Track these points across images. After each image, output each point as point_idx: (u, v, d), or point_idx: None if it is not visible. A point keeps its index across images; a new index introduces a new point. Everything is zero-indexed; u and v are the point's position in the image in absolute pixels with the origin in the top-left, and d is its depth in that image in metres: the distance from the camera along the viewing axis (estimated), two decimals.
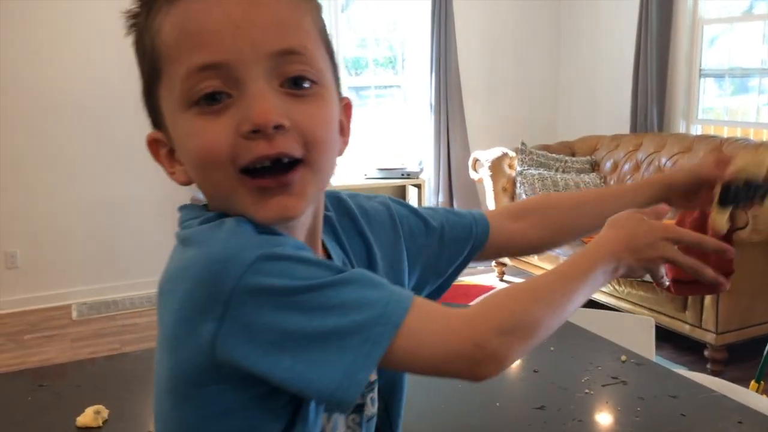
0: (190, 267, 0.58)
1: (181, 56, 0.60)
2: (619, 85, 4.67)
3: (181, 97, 0.60)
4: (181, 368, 0.60)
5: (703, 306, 3.04)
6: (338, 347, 0.55)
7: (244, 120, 0.59)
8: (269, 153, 0.59)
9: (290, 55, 0.60)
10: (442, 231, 0.84)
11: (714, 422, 1.08)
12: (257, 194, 0.61)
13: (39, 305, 4.15)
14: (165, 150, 0.67)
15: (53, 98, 4.08)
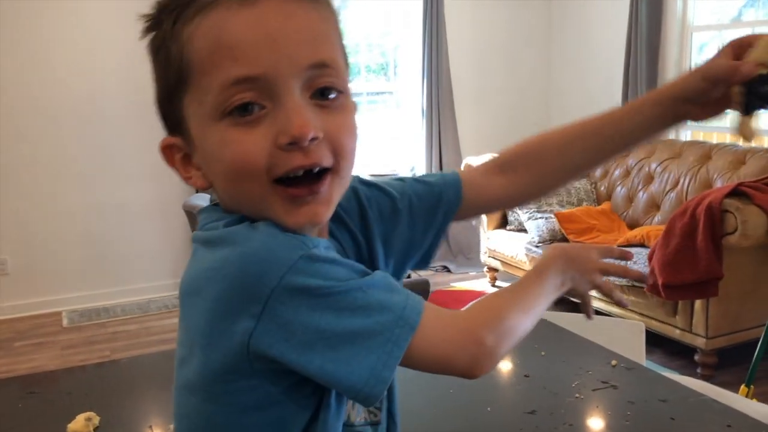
0: (224, 267, 0.60)
1: (215, 68, 0.60)
2: (610, 92, 4.70)
3: (214, 107, 0.61)
4: (213, 366, 0.62)
5: (693, 311, 3.06)
6: (364, 347, 0.59)
7: (282, 132, 0.60)
8: (304, 164, 0.62)
9: (323, 68, 0.62)
10: (410, 204, 0.83)
11: (703, 426, 1.09)
12: (289, 202, 0.63)
13: (29, 312, 4.13)
14: (180, 155, 0.68)
15: (45, 104, 4.07)
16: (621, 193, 4.17)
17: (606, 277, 0.85)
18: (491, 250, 4.38)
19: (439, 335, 0.64)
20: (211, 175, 0.66)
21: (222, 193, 0.67)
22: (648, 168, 4.03)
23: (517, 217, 4.23)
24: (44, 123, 4.08)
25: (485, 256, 4.49)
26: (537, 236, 3.98)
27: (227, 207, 0.68)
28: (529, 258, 3.97)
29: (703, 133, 4.36)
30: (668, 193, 3.85)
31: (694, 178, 3.72)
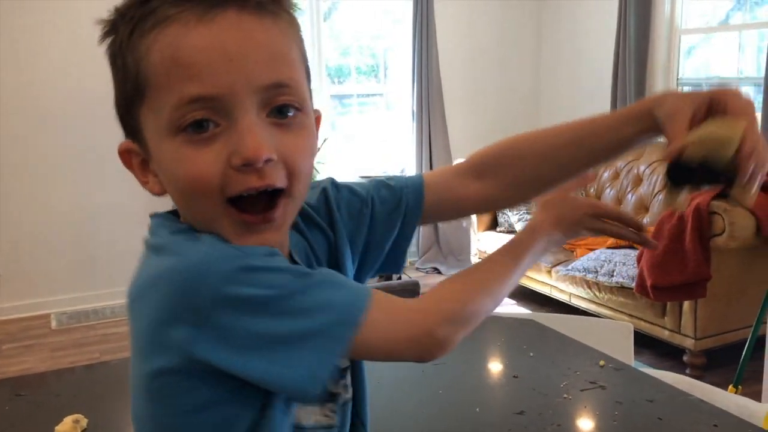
0: (166, 275, 0.60)
1: (171, 85, 0.60)
2: (599, 94, 4.73)
3: (169, 123, 0.61)
4: (156, 370, 0.62)
5: (681, 312, 3.08)
6: (305, 348, 0.60)
7: (236, 153, 0.60)
8: (258, 185, 0.61)
9: (280, 88, 0.62)
10: (372, 207, 0.83)
11: (690, 425, 1.10)
12: (241, 227, 0.63)
13: (18, 314, 4.10)
14: (138, 160, 0.68)
15: (31, 106, 4.04)
16: (610, 195, 4.19)
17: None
18: (481, 251, 4.40)
19: (387, 328, 0.64)
20: (166, 186, 0.66)
21: (177, 204, 0.68)
22: (637, 170, 4.05)
23: (507, 219, 4.24)
24: (32, 124, 4.06)
25: (475, 257, 4.50)
26: None
27: (183, 217, 0.68)
28: None
29: None
30: (657, 195, 3.87)
31: None
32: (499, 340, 1.52)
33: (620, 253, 3.41)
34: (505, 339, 1.53)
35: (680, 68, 4.37)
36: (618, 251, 3.46)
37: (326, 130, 4.81)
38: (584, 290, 3.50)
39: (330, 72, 4.99)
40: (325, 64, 4.88)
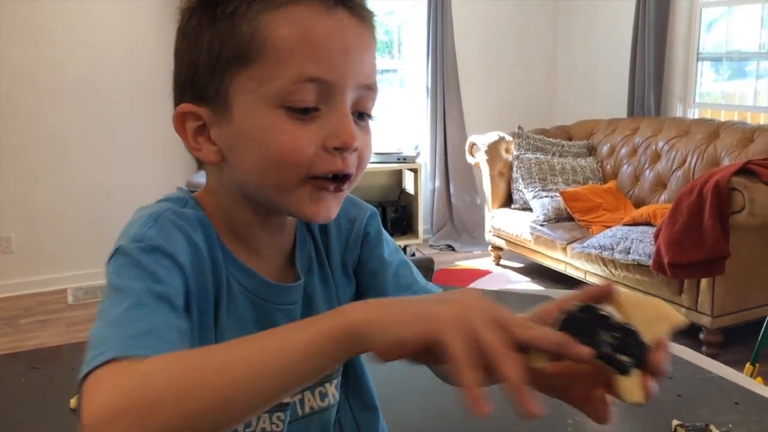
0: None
1: (293, 61, 0.64)
2: (617, 69, 4.65)
3: (276, 95, 0.64)
4: None
5: (699, 290, 3.05)
6: (91, 346, 0.55)
7: (333, 136, 0.65)
8: (342, 169, 0.67)
9: (369, 90, 0.69)
10: (383, 281, 0.84)
11: (710, 403, 1.08)
12: (317, 193, 0.68)
13: (34, 290, 4.14)
14: (195, 125, 0.69)
15: (50, 83, 4.04)
16: (627, 172, 4.14)
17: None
18: (496, 228, 4.37)
19: (89, 395, 0.50)
20: (240, 154, 0.67)
21: (243, 172, 0.68)
22: (655, 146, 4.00)
23: (522, 196, 4.21)
24: (50, 104, 4.06)
25: (490, 234, 4.48)
26: (542, 215, 3.96)
27: (232, 184, 0.70)
28: (534, 237, 3.95)
29: (711, 111, 4.32)
30: (675, 172, 3.82)
31: (701, 157, 3.68)
32: None
33: (637, 230, 3.37)
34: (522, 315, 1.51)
35: (701, 42, 4.29)
36: (635, 228, 3.43)
37: None
38: (600, 267, 3.47)
39: None
40: None
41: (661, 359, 0.52)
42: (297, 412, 0.76)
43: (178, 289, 0.63)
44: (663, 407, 1.07)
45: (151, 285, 0.60)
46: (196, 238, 0.68)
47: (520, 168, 4.20)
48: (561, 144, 4.40)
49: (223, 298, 0.70)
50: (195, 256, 0.67)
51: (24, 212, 4.11)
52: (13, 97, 3.99)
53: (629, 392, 0.51)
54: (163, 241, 0.65)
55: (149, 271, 0.62)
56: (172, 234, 0.66)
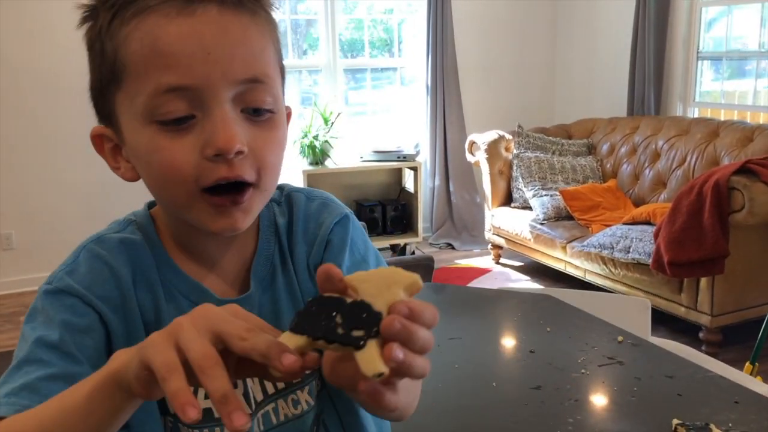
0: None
1: (149, 74, 0.61)
2: (617, 68, 4.66)
3: (144, 111, 0.62)
4: None
5: (698, 288, 3.05)
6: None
7: (209, 144, 0.62)
8: (228, 176, 0.63)
9: (255, 84, 0.64)
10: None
11: (710, 402, 1.08)
12: (213, 210, 0.65)
13: (35, 287, 4.12)
14: (110, 145, 0.71)
15: (48, 80, 4.04)
16: (627, 171, 4.14)
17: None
18: (495, 227, 4.37)
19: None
20: (140, 172, 0.69)
21: (150, 190, 0.70)
22: (655, 145, 4.00)
23: (522, 195, 4.21)
24: (48, 101, 4.06)
25: (489, 233, 4.48)
26: (542, 213, 3.96)
27: (162, 209, 0.74)
28: (534, 235, 3.95)
29: (711, 110, 4.32)
30: (675, 171, 3.83)
31: (701, 156, 3.69)
32: (515, 315, 1.51)
33: (637, 229, 3.38)
34: (522, 314, 1.52)
35: (701, 41, 4.29)
36: (634, 227, 3.43)
37: (339, 104, 4.78)
38: (599, 266, 3.48)
39: (343, 46, 4.94)
40: (338, 37, 4.83)
41: (389, 321, 0.46)
42: (272, 420, 0.75)
43: (83, 330, 0.66)
44: (663, 406, 1.08)
45: (44, 334, 0.64)
46: (117, 265, 0.70)
47: (519, 167, 4.20)
48: (561, 143, 4.40)
49: (165, 316, 0.71)
50: (117, 284, 0.69)
51: (24, 209, 4.11)
52: (13, 94, 3.99)
53: (366, 364, 0.46)
54: (74, 280, 0.68)
55: (48, 318, 0.66)
56: (91, 267, 0.69)
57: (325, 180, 4.64)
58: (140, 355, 0.49)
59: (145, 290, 0.70)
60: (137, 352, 0.50)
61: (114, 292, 0.69)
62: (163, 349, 0.48)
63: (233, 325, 0.49)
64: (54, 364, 0.63)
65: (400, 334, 0.46)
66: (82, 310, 0.67)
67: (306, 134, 4.47)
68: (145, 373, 0.49)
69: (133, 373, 0.50)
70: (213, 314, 0.50)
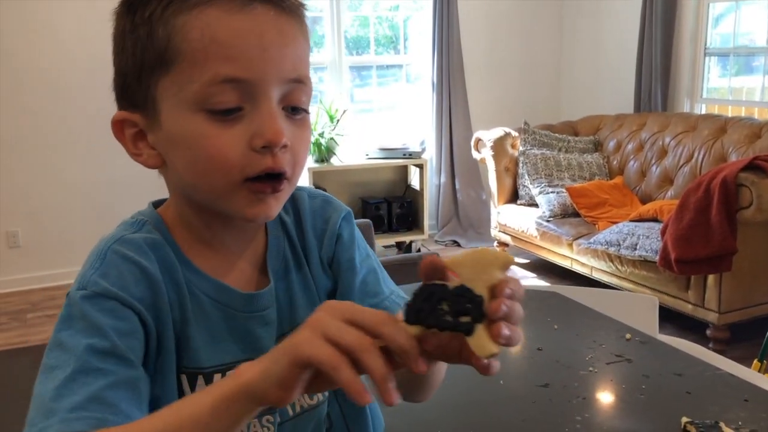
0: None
1: (207, 63, 0.63)
2: (623, 64, 4.63)
3: (196, 98, 0.64)
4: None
5: (705, 286, 3.04)
6: (35, 407, 0.61)
7: (258, 135, 0.64)
8: (274, 168, 0.66)
9: (299, 84, 0.68)
10: (350, 286, 0.83)
11: (720, 400, 1.08)
12: (253, 197, 0.67)
13: (41, 284, 4.16)
14: (133, 131, 0.70)
15: (53, 78, 4.05)
16: (634, 167, 4.13)
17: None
18: (501, 224, 4.36)
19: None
20: (173, 159, 0.68)
21: (179, 178, 0.70)
22: (662, 142, 3.98)
23: (528, 192, 4.20)
24: (54, 99, 4.07)
25: (495, 230, 4.47)
26: (548, 211, 3.95)
27: (177, 188, 0.73)
28: (540, 232, 3.94)
29: (718, 106, 4.30)
30: (682, 167, 3.81)
31: (708, 152, 3.67)
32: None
33: (644, 226, 3.36)
34: (529, 311, 1.50)
35: (708, 37, 4.26)
36: (641, 224, 3.42)
37: (345, 102, 4.78)
38: (606, 263, 3.46)
39: (348, 43, 4.94)
40: (343, 35, 4.83)
41: (496, 305, 0.51)
42: (288, 412, 0.76)
43: (128, 333, 0.65)
44: (672, 404, 1.07)
45: (94, 342, 0.62)
46: (148, 264, 0.69)
47: (526, 164, 4.19)
48: (567, 140, 4.39)
49: (190, 315, 0.71)
50: (149, 284, 0.68)
51: (31, 207, 4.12)
52: (18, 92, 4.00)
53: (479, 348, 0.51)
54: (108, 282, 0.66)
55: (93, 324, 0.63)
56: (121, 269, 0.68)
57: (330, 177, 4.64)
58: (291, 356, 0.52)
59: (171, 288, 0.70)
60: (283, 355, 0.52)
61: (147, 292, 0.68)
62: (320, 344, 0.51)
63: (366, 316, 0.52)
64: (113, 371, 0.62)
65: (506, 315, 0.51)
66: (123, 313, 0.66)
67: (311, 132, 4.47)
68: (296, 373, 0.52)
69: (277, 378, 0.52)
70: (344, 307, 0.53)
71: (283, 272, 0.77)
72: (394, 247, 4.70)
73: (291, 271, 0.78)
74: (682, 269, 2.99)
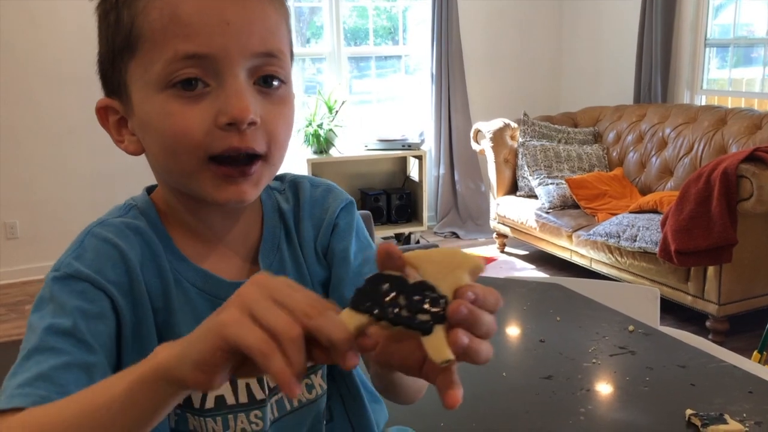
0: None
1: (167, 42, 0.62)
2: (623, 55, 4.62)
3: (159, 78, 0.63)
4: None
5: (705, 277, 3.04)
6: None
7: (223, 112, 0.62)
8: (240, 147, 0.63)
9: (269, 58, 0.65)
10: (343, 279, 0.80)
11: (724, 392, 1.07)
12: (220, 180, 0.65)
13: (39, 276, 4.14)
14: (115, 118, 0.70)
15: (52, 68, 4.03)
16: (633, 159, 4.12)
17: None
18: (501, 216, 4.35)
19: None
20: (147, 142, 0.68)
21: (155, 161, 0.69)
22: (662, 133, 3.97)
23: (528, 183, 4.19)
24: (53, 90, 4.05)
25: (495, 222, 4.46)
26: (547, 202, 3.94)
27: (156, 174, 0.72)
28: (539, 224, 3.94)
29: (718, 98, 4.29)
30: (682, 159, 3.80)
31: (708, 144, 3.66)
32: (524, 304, 1.50)
33: (643, 218, 3.35)
34: (531, 303, 1.50)
35: (708, 28, 4.25)
36: (641, 215, 3.41)
37: (343, 92, 4.76)
38: (605, 255, 3.46)
39: (347, 34, 4.91)
40: (342, 25, 4.80)
41: (455, 305, 0.45)
42: (286, 406, 0.75)
43: (95, 316, 0.64)
44: (676, 396, 1.07)
45: (55, 322, 0.62)
46: (127, 249, 0.68)
47: (525, 155, 4.17)
48: (567, 131, 4.37)
49: (175, 304, 0.70)
50: (126, 268, 0.67)
51: (28, 198, 4.11)
52: (17, 83, 3.97)
53: (435, 351, 0.46)
54: (82, 264, 0.66)
55: (60, 305, 0.63)
56: (98, 251, 0.67)
57: (329, 169, 4.63)
58: (215, 338, 0.46)
59: (153, 275, 0.69)
60: (206, 335, 0.47)
61: (123, 276, 0.67)
62: (249, 327, 0.45)
63: (296, 300, 0.47)
64: (68, 351, 0.61)
65: (466, 319, 0.46)
66: (94, 296, 0.65)
67: (310, 123, 4.45)
68: (219, 357, 0.46)
69: (196, 360, 0.47)
70: (273, 286, 0.48)
71: (278, 263, 0.76)
72: (393, 238, 4.69)
73: (285, 261, 0.76)
74: (682, 260, 2.99)
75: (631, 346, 1.25)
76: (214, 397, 0.71)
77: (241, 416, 0.72)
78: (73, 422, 0.52)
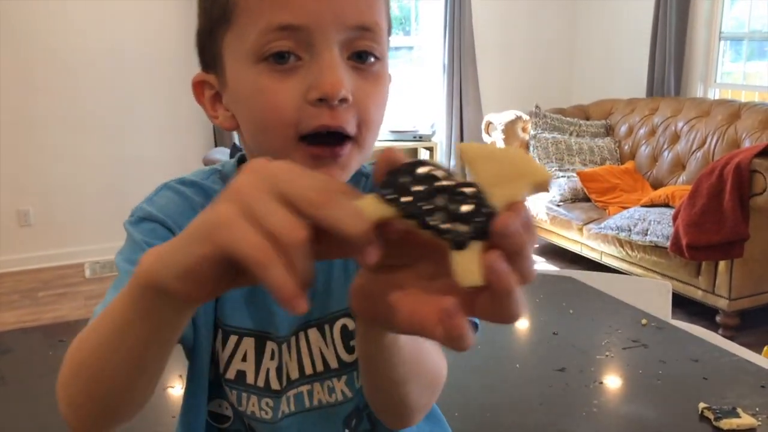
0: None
1: (261, 11, 0.60)
2: (637, 48, 4.59)
3: (252, 50, 0.61)
4: None
5: (716, 272, 3.03)
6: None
7: (314, 87, 0.59)
8: (330, 124, 0.60)
9: (364, 31, 0.61)
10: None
11: (737, 386, 1.08)
12: (309, 160, 0.62)
13: (52, 263, 4.18)
14: (211, 93, 0.69)
15: (67, 56, 4.04)
16: (645, 152, 4.10)
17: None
18: None
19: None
20: (240, 118, 0.66)
21: (248, 138, 0.67)
22: (674, 127, 3.95)
23: None
24: (67, 77, 4.06)
25: None
26: (558, 195, 3.94)
27: (249, 150, 0.70)
28: (550, 217, 3.93)
29: (731, 91, 4.26)
30: (694, 153, 3.78)
31: (721, 138, 3.64)
32: (537, 297, 1.51)
33: (655, 212, 3.35)
34: (544, 295, 1.51)
35: (722, 22, 4.21)
36: (653, 209, 3.40)
37: None
38: (616, 249, 3.46)
39: None
40: None
41: (505, 223, 0.36)
42: (305, 402, 0.74)
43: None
44: (689, 390, 1.07)
45: (131, 257, 0.66)
46: (195, 203, 0.71)
47: (536, 147, 4.17)
48: (578, 123, 4.36)
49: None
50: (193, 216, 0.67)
51: (42, 186, 4.14)
52: (31, 70, 3.99)
53: (463, 271, 0.37)
54: (154, 208, 0.69)
55: (134, 242, 0.67)
56: (170, 199, 0.71)
57: None
58: (208, 242, 0.39)
59: None
60: (197, 237, 0.40)
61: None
62: (245, 230, 0.37)
63: (301, 187, 0.39)
64: None
65: (513, 242, 0.37)
66: (163, 234, 0.67)
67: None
68: (208, 266, 0.39)
69: (180, 267, 0.41)
70: (274, 173, 0.40)
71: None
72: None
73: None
74: (694, 255, 2.98)
75: (644, 340, 1.25)
76: (235, 370, 0.72)
77: (253, 398, 0.72)
78: (98, 341, 0.52)
